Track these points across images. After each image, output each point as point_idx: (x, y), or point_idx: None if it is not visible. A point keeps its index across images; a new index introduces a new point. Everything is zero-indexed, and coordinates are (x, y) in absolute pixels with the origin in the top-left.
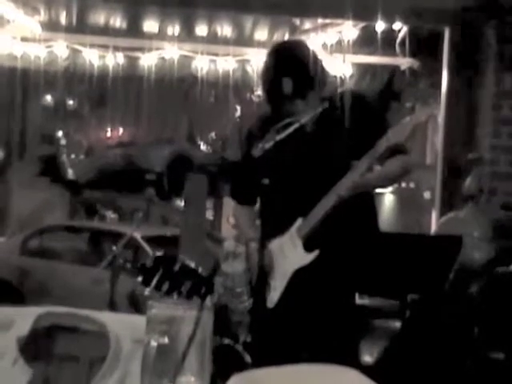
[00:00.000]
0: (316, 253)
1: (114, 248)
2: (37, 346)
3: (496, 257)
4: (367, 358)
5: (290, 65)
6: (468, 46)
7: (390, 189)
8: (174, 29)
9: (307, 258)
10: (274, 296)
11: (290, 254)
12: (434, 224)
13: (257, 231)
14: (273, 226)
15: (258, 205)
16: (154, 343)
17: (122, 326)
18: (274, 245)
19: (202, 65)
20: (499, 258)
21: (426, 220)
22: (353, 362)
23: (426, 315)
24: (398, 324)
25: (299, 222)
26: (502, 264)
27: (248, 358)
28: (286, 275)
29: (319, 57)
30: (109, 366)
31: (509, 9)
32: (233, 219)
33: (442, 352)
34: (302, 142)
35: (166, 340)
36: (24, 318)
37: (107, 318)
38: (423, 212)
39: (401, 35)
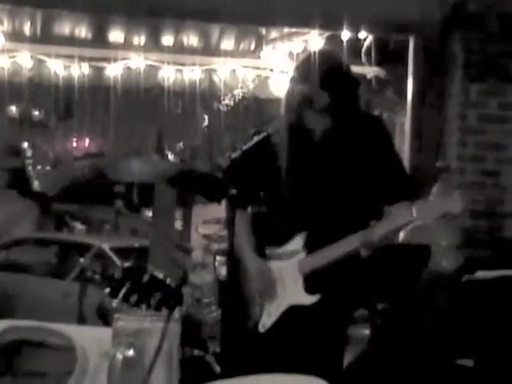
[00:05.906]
0: (317, 297)
1: (82, 260)
2: (1, 362)
3: (464, 265)
4: None
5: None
6: (434, 55)
7: None
8: (140, 39)
9: (307, 299)
10: (266, 322)
11: (290, 287)
12: (401, 232)
13: (253, 237)
14: (268, 236)
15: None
16: (119, 356)
17: (88, 339)
18: (275, 267)
19: (168, 75)
20: (467, 266)
21: None
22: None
23: (396, 323)
24: (368, 332)
25: (302, 255)
26: (470, 272)
27: (218, 369)
28: (281, 306)
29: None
30: (75, 381)
31: (474, 19)
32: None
33: (412, 359)
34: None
35: (131, 352)
36: None
37: (73, 331)
38: None
39: (366, 44)
